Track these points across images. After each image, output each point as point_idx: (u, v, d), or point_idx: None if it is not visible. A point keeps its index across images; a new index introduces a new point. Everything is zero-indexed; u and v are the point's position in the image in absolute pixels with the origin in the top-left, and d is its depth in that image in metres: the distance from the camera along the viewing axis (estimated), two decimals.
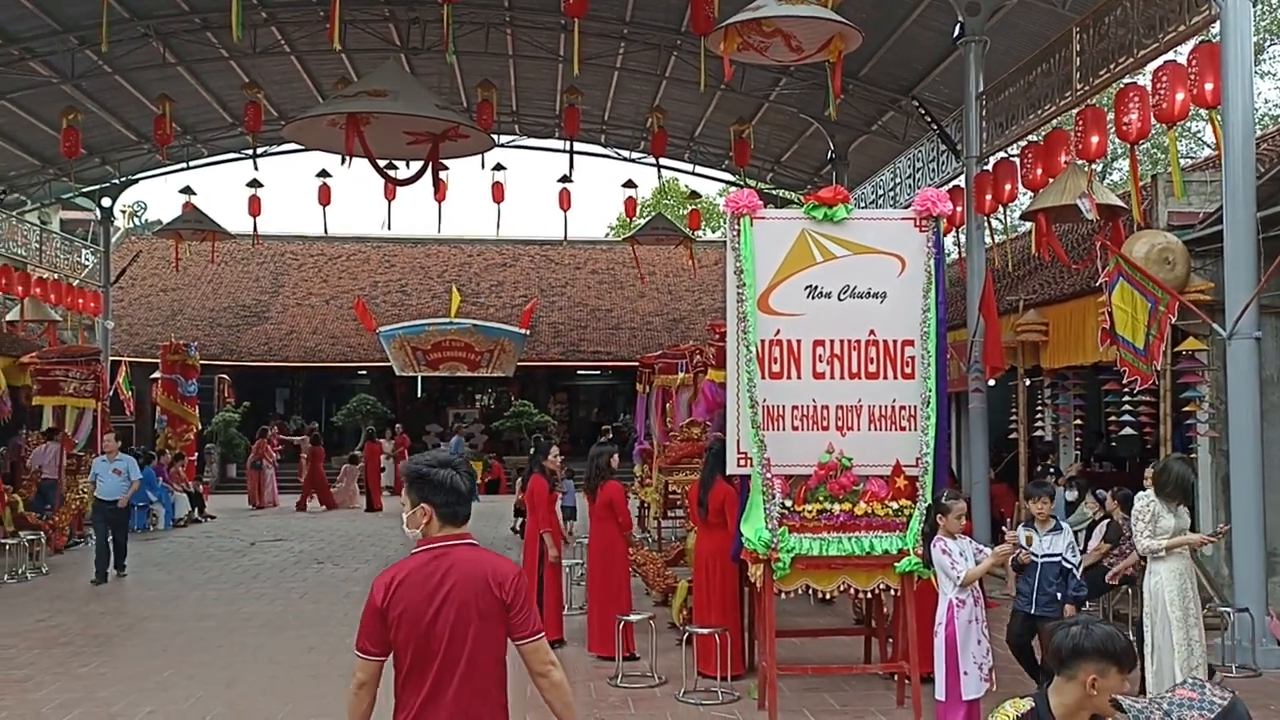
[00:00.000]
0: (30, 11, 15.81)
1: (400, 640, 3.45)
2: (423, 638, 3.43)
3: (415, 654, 3.44)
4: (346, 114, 13.42)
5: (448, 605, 3.43)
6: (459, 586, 3.44)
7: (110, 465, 13.69)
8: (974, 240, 13.56)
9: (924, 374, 7.27)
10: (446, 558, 3.49)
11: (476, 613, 3.44)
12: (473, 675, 3.44)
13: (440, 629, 3.42)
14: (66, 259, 24.10)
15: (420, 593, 3.44)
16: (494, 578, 3.48)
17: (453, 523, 3.54)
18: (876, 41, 15.74)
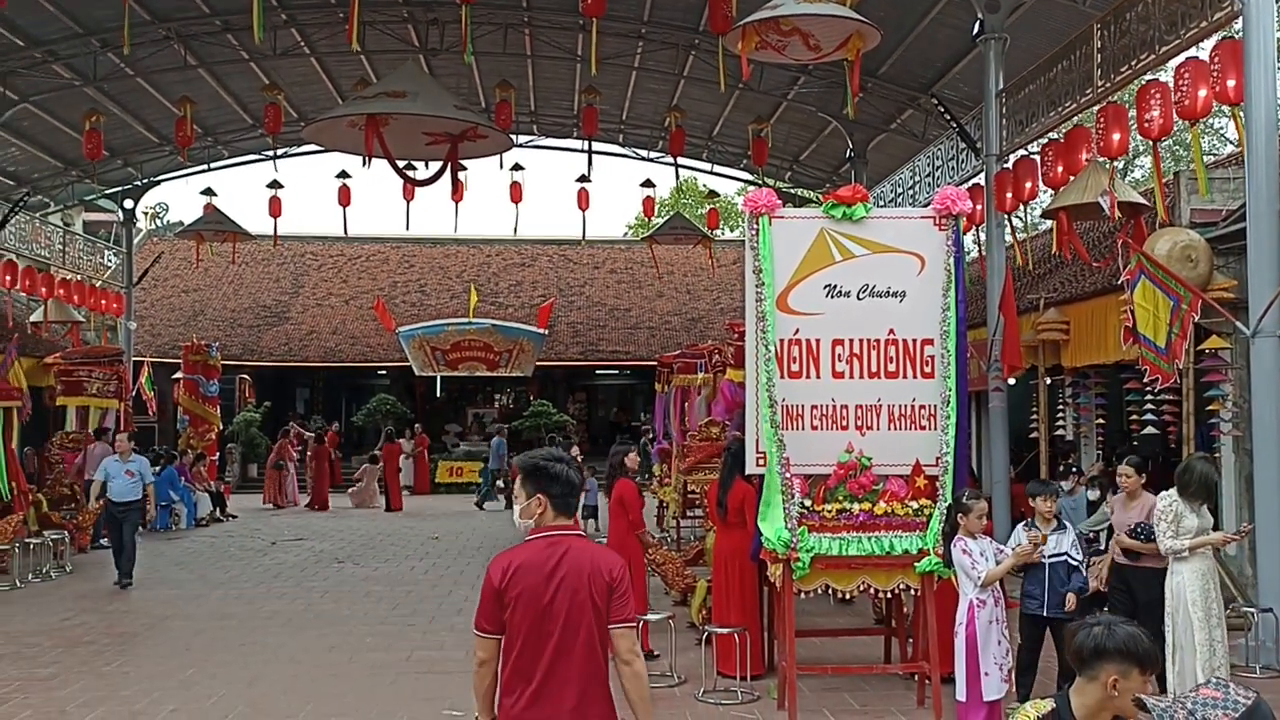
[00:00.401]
0: (53, 15, 15.95)
1: (515, 621, 3.67)
2: (539, 619, 3.66)
3: (529, 634, 3.66)
4: (366, 115, 13.48)
5: (563, 589, 3.66)
6: (572, 573, 3.68)
7: (123, 466, 13.23)
8: (994, 238, 13.50)
9: (944, 373, 7.24)
10: (560, 545, 3.74)
11: (589, 598, 3.68)
12: (587, 656, 3.67)
13: (556, 611, 3.65)
14: (89, 260, 24.29)
15: (537, 577, 3.68)
16: (602, 566, 3.74)
17: (565, 513, 3.81)
18: (895, 39, 15.69)
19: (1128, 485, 7.78)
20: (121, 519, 13.07)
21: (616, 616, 3.72)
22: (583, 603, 3.68)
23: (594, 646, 3.69)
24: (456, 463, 28.03)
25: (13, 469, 13.93)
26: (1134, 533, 7.54)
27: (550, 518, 3.79)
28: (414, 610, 11.37)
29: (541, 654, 3.65)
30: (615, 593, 3.73)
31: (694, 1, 16.09)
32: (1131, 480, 7.74)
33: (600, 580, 3.70)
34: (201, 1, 16.35)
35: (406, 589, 12.70)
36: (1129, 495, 7.76)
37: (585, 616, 3.68)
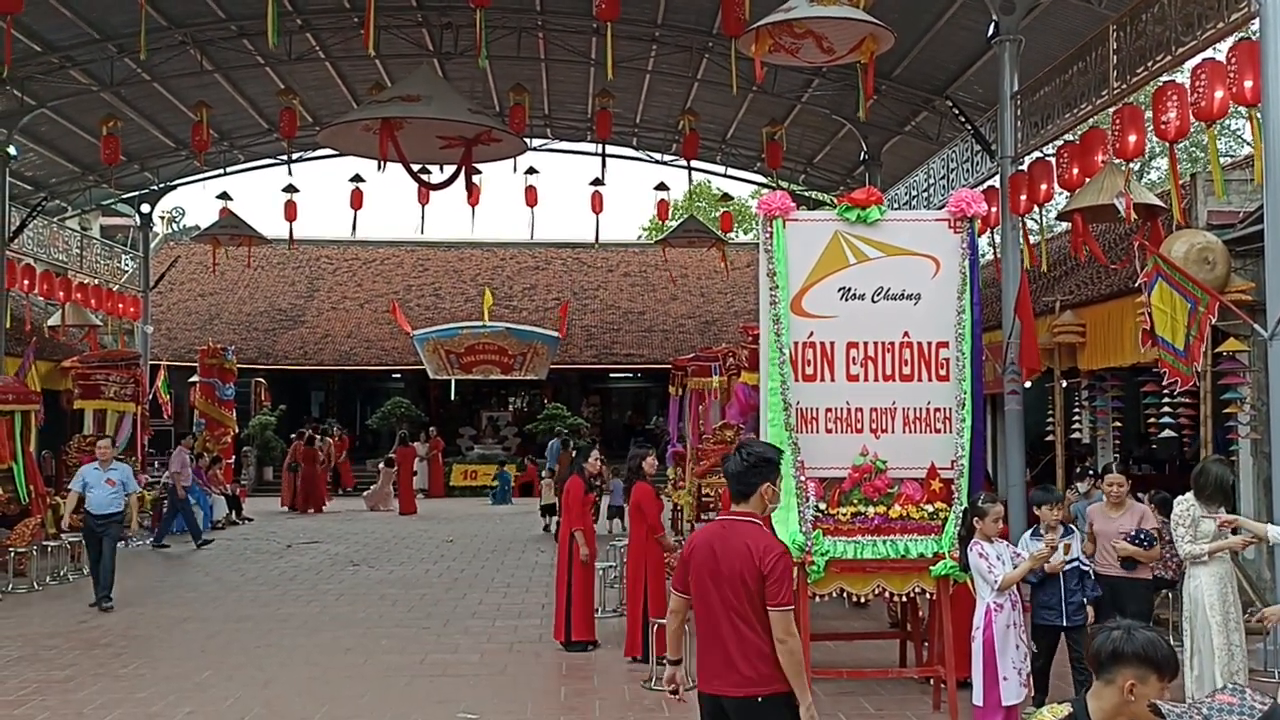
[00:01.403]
0: (70, 21, 16.06)
1: (694, 586, 4.42)
2: (707, 587, 4.35)
3: (700, 598, 4.39)
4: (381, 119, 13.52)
5: (724, 566, 4.29)
6: (733, 554, 4.29)
7: (103, 474, 11.76)
8: (1009, 241, 13.43)
9: (959, 376, 7.22)
10: (733, 528, 4.40)
11: (741, 576, 4.25)
12: (738, 625, 4.26)
13: (719, 583, 4.30)
14: (106, 264, 24.44)
15: (709, 551, 4.37)
16: (759, 551, 4.26)
17: (741, 500, 4.44)
18: (909, 41, 15.65)
19: (1117, 495, 7.77)
20: (101, 533, 11.71)
21: (771, 600, 4.22)
22: (737, 581, 4.26)
23: (743, 618, 4.24)
24: (471, 466, 28.08)
25: (31, 472, 14.03)
26: (1135, 539, 7.49)
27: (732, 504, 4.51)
28: (429, 613, 11.39)
29: (709, 615, 4.35)
30: (769, 579, 4.22)
31: (707, 5, 16.08)
32: (1122, 490, 7.80)
33: (753, 566, 4.24)
34: (217, 7, 16.43)
35: (421, 592, 12.73)
36: (1114, 504, 7.78)
37: (739, 592, 4.25)
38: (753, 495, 4.40)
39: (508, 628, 10.65)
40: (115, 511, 11.76)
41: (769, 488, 4.42)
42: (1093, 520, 7.90)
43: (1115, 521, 7.67)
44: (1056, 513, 7.04)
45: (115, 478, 11.79)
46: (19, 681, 8.56)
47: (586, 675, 8.77)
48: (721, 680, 4.30)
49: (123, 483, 11.87)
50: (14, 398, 13.90)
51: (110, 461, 11.96)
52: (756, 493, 4.39)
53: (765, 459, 4.44)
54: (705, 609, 4.37)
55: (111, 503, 11.71)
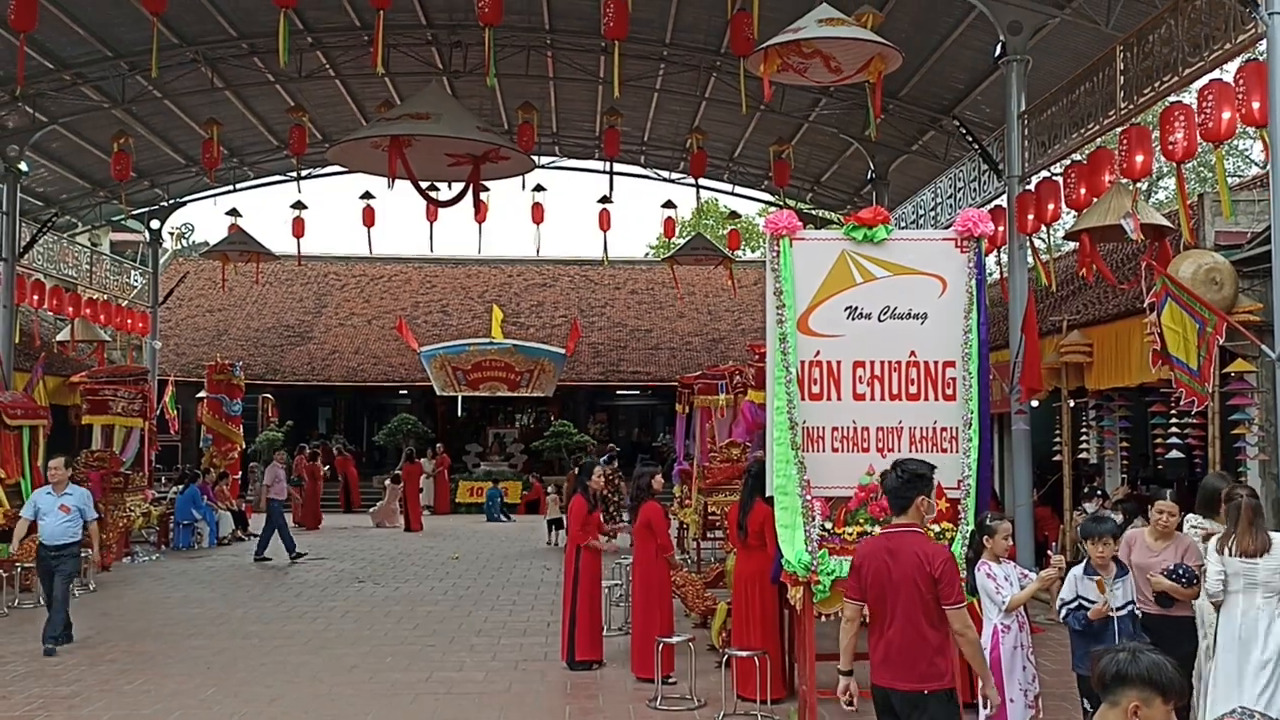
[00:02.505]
0: (82, 37, 16.19)
1: (869, 594, 4.95)
2: (880, 593, 4.88)
3: (874, 603, 4.94)
4: (390, 136, 13.60)
5: (895, 572, 4.82)
6: (903, 561, 4.82)
7: (56, 499, 10.34)
8: (1016, 260, 13.44)
9: (965, 395, 7.20)
10: (899, 538, 4.93)
11: (914, 581, 4.79)
12: (913, 624, 4.79)
13: (891, 589, 4.83)
14: (116, 280, 24.54)
15: (879, 561, 4.90)
16: (927, 558, 4.81)
17: (900, 512, 4.98)
18: (917, 61, 15.70)
19: (1165, 526, 6.83)
20: (54, 566, 10.26)
21: (945, 599, 4.78)
22: (911, 585, 4.79)
23: (918, 618, 4.77)
24: (477, 483, 28.04)
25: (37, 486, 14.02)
26: (1174, 575, 6.59)
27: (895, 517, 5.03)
28: (434, 630, 11.37)
29: (883, 619, 4.87)
30: (940, 581, 4.77)
31: (716, 24, 16.16)
32: (1172, 520, 6.83)
33: (924, 571, 4.77)
34: (229, 25, 16.56)
35: (427, 609, 12.71)
36: (1160, 534, 6.84)
37: (911, 595, 4.78)
38: (910, 507, 4.96)
39: (513, 645, 10.62)
40: (70, 542, 10.30)
41: (924, 500, 4.99)
42: (1132, 550, 6.88)
43: (1158, 555, 6.76)
44: (1108, 548, 6.26)
45: (70, 504, 10.32)
46: (25, 697, 8.56)
47: (592, 694, 8.74)
48: (893, 675, 4.84)
49: (79, 509, 10.40)
50: (22, 413, 13.94)
51: (65, 484, 10.50)
52: (913, 505, 4.95)
53: (919, 474, 5.00)
54: (879, 612, 4.92)
55: (66, 531, 10.24)
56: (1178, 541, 6.78)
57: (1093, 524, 6.50)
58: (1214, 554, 6.40)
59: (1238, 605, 6.28)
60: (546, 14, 16.79)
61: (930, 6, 14.58)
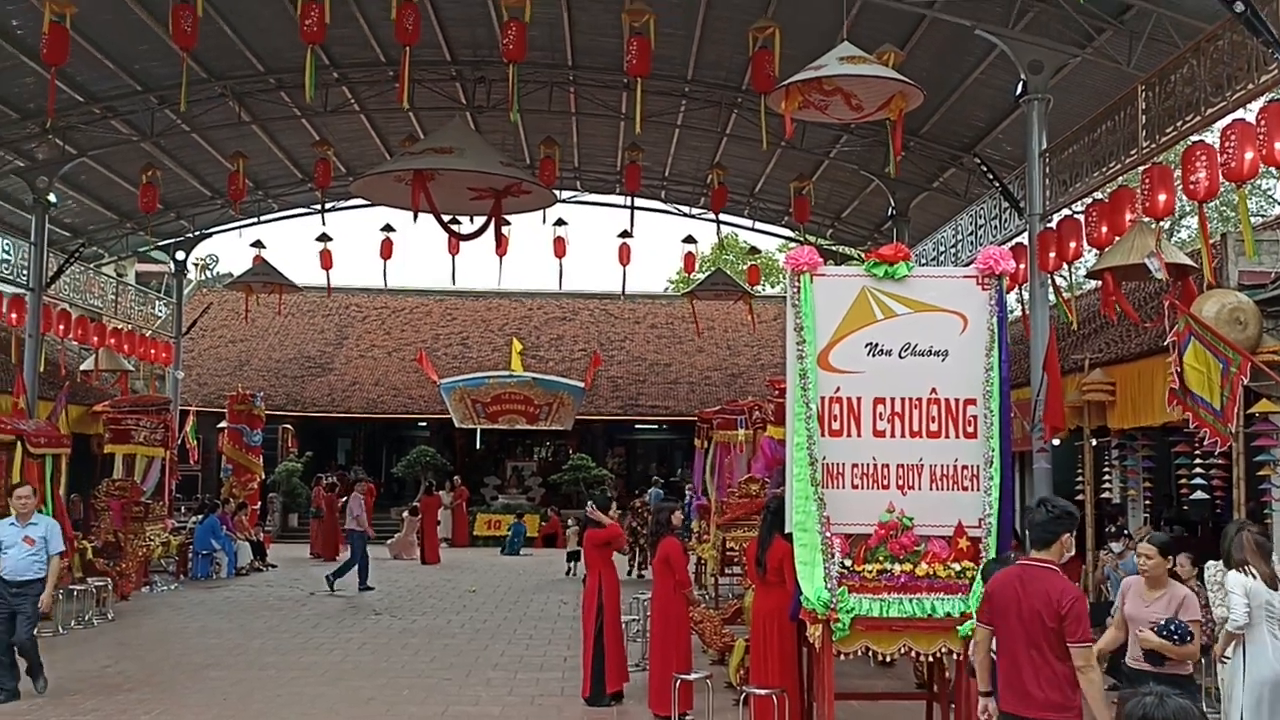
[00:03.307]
0: (113, 72, 16.46)
1: (997, 621, 5.17)
2: (1008, 620, 5.08)
3: (1002, 633, 5.15)
4: (413, 170, 13.73)
5: (1024, 606, 5.01)
6: (1033, 595, 4.99)
7: (20, 531, 9.28)
8: (1037, 298, 13.41)
9: (987, 433, 7.15)
10: (1034, 572, 5.08)
11: (1040, 615, 4.95)
12: (1039, 658, 4.95)
13: (1018, 619, 5.02)
14: (140, 310, 24.78)
15: (1011, 593, 5.10)
16: (1056, 594, 4.96)
17: (1043, 547, 5.12)
18: (938, 99, 15.77)
19: (1150, 570, 6.43)
20: (15, 606, 9.18)
21: (1070, 637, 4.91)
22: (1037, 619, 4.95)
23: (1039, 651, 4.94)
24: (495, 515, 28.03)
25: (60, 516, 14.08)
26: (1165, 631, 6.16)
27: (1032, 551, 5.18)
28: (450, 664, 11.33)
29: (1010, 646, 5.06)
30: (1067, 619, 4.90)
31: (737, 61, 16.29)
32: (1154, 563, 6.41)
33: (1052, 608, 4.92)
34: (256, 60, 16.80)
35: (444, 642, 12.67)
36: (1151, 583, 6.43)
37: (1038, 629, 4.95)
38: (1054, 543, 5.10)
39: (529, 680, 10.57)
40: (35, 579, 9.24)
41: (1067, 537, 5.10)
42: (1125, 599, 6.59)
43: (1149, 606, 6.36)
44: None
45: (35, 534, 9.29)
46: None
47: None
48: (1019, 703, 5.00)
49: (44, 539, 9.34)
50: (46, 441, 14.03)
51: (31, 515, 9.41)
52: (1057, 541, 5.09)
53: (1067, 512, 5.16)
54: (1008, 641, 5.09)
55: (30, 567, 9.21)
56: (1171, 592, 6.36)
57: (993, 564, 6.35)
58: (1237, 582, 6.33)
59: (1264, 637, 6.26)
60: (570, 51, 16.97)
61: (952, 45, 14.65)
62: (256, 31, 15.96)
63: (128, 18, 14.72)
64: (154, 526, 17.88)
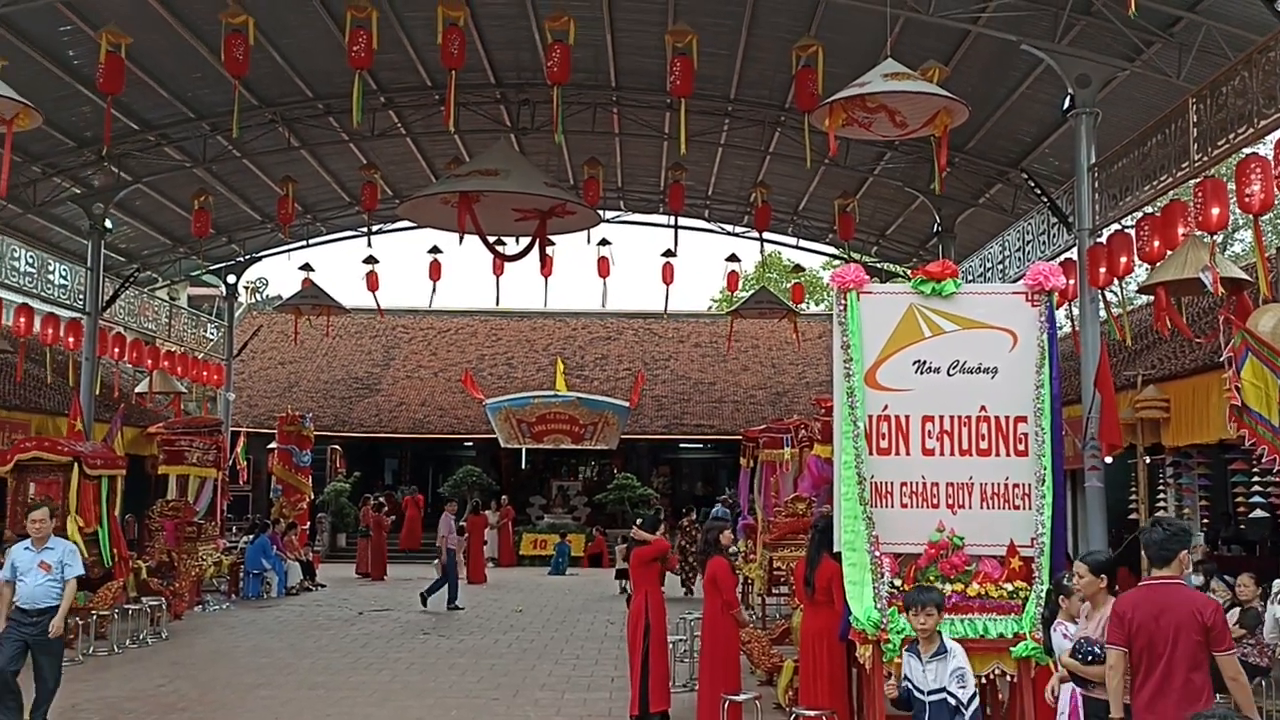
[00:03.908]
0: (167, 100, 16.81)
1: (1134, 643, 5.26)
2: (1146, 641, 5.21)
3: (1139, 652, 5.24)
4: (459, 192, 13.88)
5: (1166, 620, 5.16)
6: (1174, 612, 5.15)
7: (36, 556, 8.51)
8: (1088, 314, 13.23)
9: (1038, 451, 7.06)
10: (1164, 590, 5.29)
11: (1185, 631, 5.10)
12: (1184, 674, 5.08)
13: (1160, 638, 5.16)
14: (193, 333, 25.19)
15: (1148, 613, 5.24)
16: (1197, 607, 5.17)
17: (1163, 565, 5.34)
18: (983, 114, 15.66)
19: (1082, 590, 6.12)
20: (29, 636, 8.36)
21: (1216, 647, 5.11)
22: (1183, 635, 5.08)
23: (1186, 667, 5.06)
24: (541, 535, 28.08)
25: (115, 536, 14.34)
26: (1075, 650, 5.88)
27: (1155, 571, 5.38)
28: (498, 684, 11.35)
29: (1154, 669, 5.16)
30: (1212, 630, 5.09)
31: (780, 80, 16.30)
32: (1085, 581, 6.04)
33: (1196, 621, 5.09)
34: (305, 86, 17.08)
35: (491, 662, 12.69)
36: (1091, 604, 6.08)
37: (1184, 645, 5.08)
38: (1173, 560, 5.31)
39: (576, 700, 10.55)
40: (53, 605, 8.44)
41: (1185, 554, 5.34)
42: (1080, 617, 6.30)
43: (1085, 628, 6.08)
44: (930, 619, 5.84)
45: (52, 559, 8.53)
46: None
47: None
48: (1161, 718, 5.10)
49: (61, 564, 8.57)
50: (102, 463, 14.29)
51: (48, 539, 8.63)
52: (1176, 558, 5.30)
53: (1183, 529, 5.42)
54: (1148, 660, 5.20)
55: (48, 594, 8.44)
56: (1104, 611, 5.89)
57: (915, 592, 6.05)
58: None
59: None
60: (613, 72, 17.07)
61: (997, 60, 14.56)
62: (306, 58, 16.24)
63: (181, 47, 15.04)
64: (206, 546, 18.12)
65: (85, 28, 13.78)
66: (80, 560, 8.95)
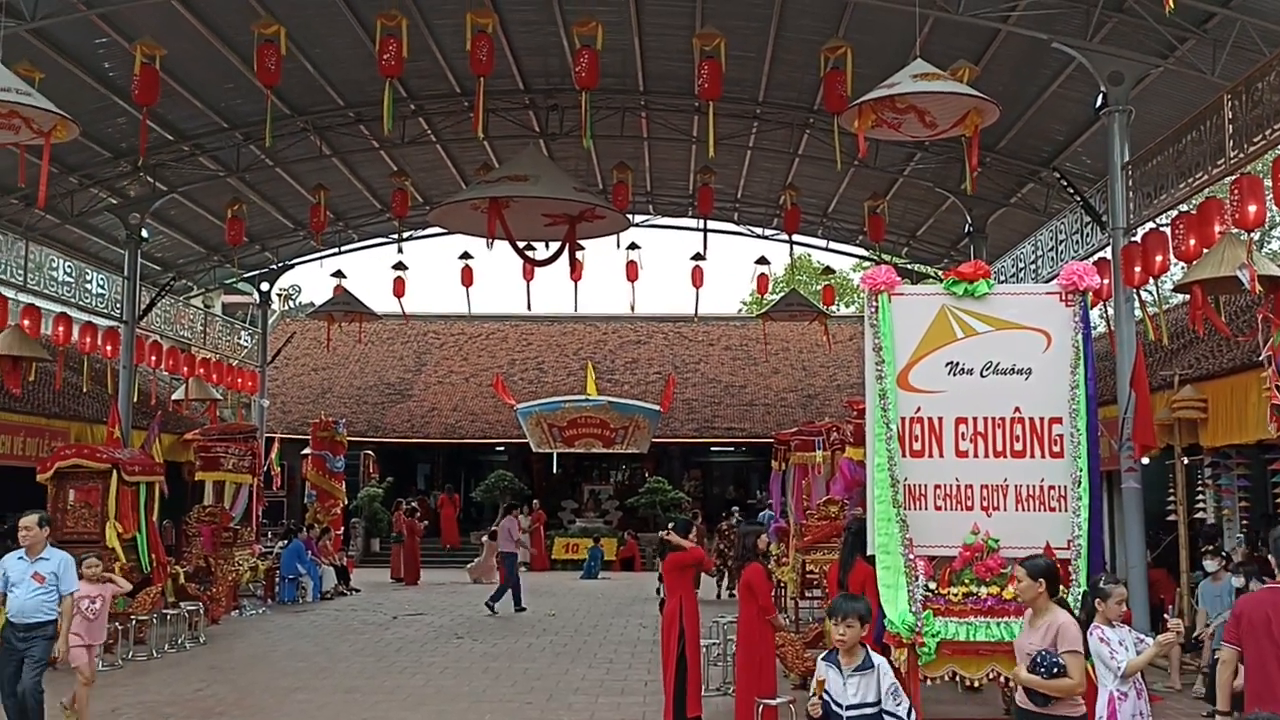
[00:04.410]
0: (201, 110, 17.01)
1: (1245, 641, 5.54)
2: (1257, 641, 5.45)
3: (1254, 652, 5.48)
4: (489, 198, 13.94)
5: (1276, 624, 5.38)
6: None
7: (29, 566, 8.03)
8: (1122, 314, 13.10)
9: (1073, 452, 7.02)
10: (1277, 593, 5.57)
11: None
12: None
13: (1270, 641, 5.39)
14: (227, 340, 25.44)
15: (1263, 614, 5.49)
16: None
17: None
18: (1014, 113, 15.54)
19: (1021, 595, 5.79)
20: (23, 652, 7.91)
21: None
22: None
23: None
24: (573, 539, 28.14)
25: (153, 542, 14.50)
26: (1036, 665, 5.41)
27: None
28: (531, 688, 11.37)
29: (1263, 666, 5.40)
30: None
31: (808, 82, 16.25)
32: (1023, 586, 5.64)
33: None
34: (336, 95, 17.22)
35: (524, 666, 12.73)
36: (1033, 612, 5.66)
37: None
38: None
39: (610, 704, 10.56)
40: (46, 620, 7.98)
41: None
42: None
43: (1029, 638, 5.64)
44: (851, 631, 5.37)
45: (45, 570, 8.02)
46: None
47: None
48: None
49: (55, 576, 8.05)
50: (140, 469, 14.46)
51: (41, 547, 8.13)
52: None
53: None
54: (1259, 661, 5.41)
55: (40, 607, 7.95)
56: (1049, 620, 5.54)
57: (841, 600, 5.62)
58: None
59: None
60: (641, 76, 17.09)
61: (1028, 59, 14.45)
62: (337, 67, 16.37)
63: (214, 58, 15.21)
64: (242, 552, 18.30)
65: (120, 40, 13.96)
66: (75, 573, 8.34)
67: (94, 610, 9.11)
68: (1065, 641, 5.41)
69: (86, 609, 8.95)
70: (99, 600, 9.22)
